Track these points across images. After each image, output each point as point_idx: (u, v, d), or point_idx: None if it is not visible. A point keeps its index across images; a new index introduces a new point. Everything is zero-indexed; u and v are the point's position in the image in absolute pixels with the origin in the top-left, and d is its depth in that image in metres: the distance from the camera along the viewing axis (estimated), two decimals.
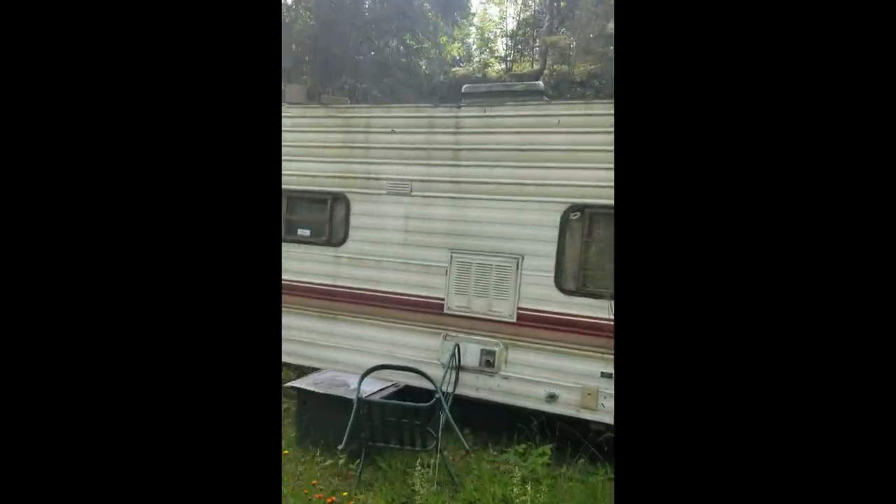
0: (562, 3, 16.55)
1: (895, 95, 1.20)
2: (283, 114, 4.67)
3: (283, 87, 4.54)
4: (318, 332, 4.62)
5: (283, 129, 4.69)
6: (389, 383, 4.12)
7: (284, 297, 4.69)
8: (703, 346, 1.28)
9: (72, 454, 1.26)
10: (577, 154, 3.79)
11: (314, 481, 3.41)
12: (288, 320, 4.73)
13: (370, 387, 3.88)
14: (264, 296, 1.39)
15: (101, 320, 1.28)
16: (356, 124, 4.38)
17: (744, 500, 1.23)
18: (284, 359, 4.86)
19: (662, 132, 1.33)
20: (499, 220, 4.01)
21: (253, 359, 1.36)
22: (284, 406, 4.79)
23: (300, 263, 4.64)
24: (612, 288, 3.53)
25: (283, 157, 4.74)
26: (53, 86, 1.27)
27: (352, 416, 3.41)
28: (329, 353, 4.60)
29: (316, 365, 4.65)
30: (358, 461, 3.58)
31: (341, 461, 3.66)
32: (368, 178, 4.37)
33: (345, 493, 3.35)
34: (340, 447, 3.41)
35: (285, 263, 4.70)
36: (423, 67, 14.99)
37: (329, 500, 3.27)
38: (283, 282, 4.69)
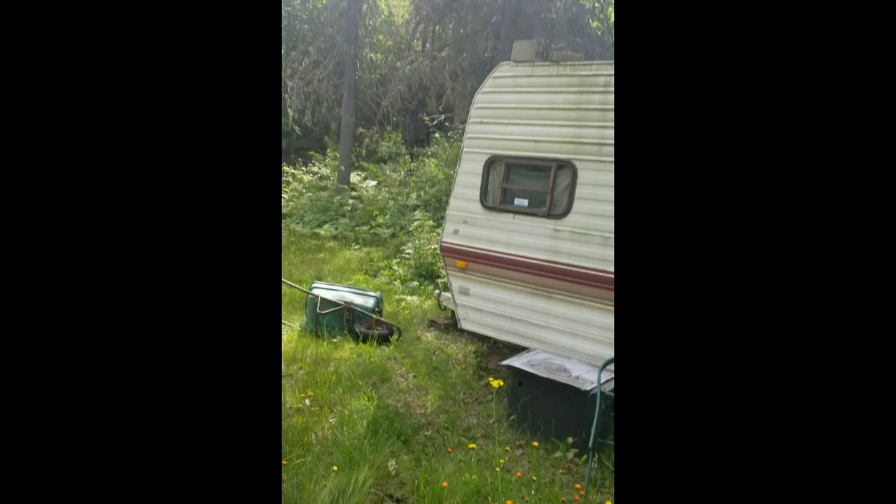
0: None
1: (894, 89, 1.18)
2: (506, 73, 4.35)
3: (512, 45, 4.21)
4: (530, 310, 4.34)
5: (502, 89, 4.38)
6: (613, 376, 3.71)
7: (495, 269, 4.48)
8: (713, 340, 1.27)
9: (72, 453, 1.26)
10: None
11: (577, 485, 3.13)
12: (497, 294, 4.52)
13: (595, 377, 3.51)
14: (264, 294, 1.39)
15: (100, 320, 1.29)
16: (592, 83, 3.91)
17: (746, 497, 1.23)
18: (485, 332, 4.69)
19: (663, 126, 1.32)
20: None
21: (253, 358, 1.37)
22: (483, 381, 4.64)
23: (515, 236, 4.36)
24: None
25: (501, 121, 4.48)
26: (53, 86, 1.27)
27: (596, 411, 3.08)
28: (539, 333, 4.31)
29: (523, 343, 4.40)
30: (585, 457, 3.26)
31: (570, 455, 3.37)
32: (602, 144, 3.90)
33: None
34: (583, 444, 3.11)
35: (498, 234, 4.47)
36: (595, 26, 13.98)
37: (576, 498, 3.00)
38: (493, 253, 4.47)
